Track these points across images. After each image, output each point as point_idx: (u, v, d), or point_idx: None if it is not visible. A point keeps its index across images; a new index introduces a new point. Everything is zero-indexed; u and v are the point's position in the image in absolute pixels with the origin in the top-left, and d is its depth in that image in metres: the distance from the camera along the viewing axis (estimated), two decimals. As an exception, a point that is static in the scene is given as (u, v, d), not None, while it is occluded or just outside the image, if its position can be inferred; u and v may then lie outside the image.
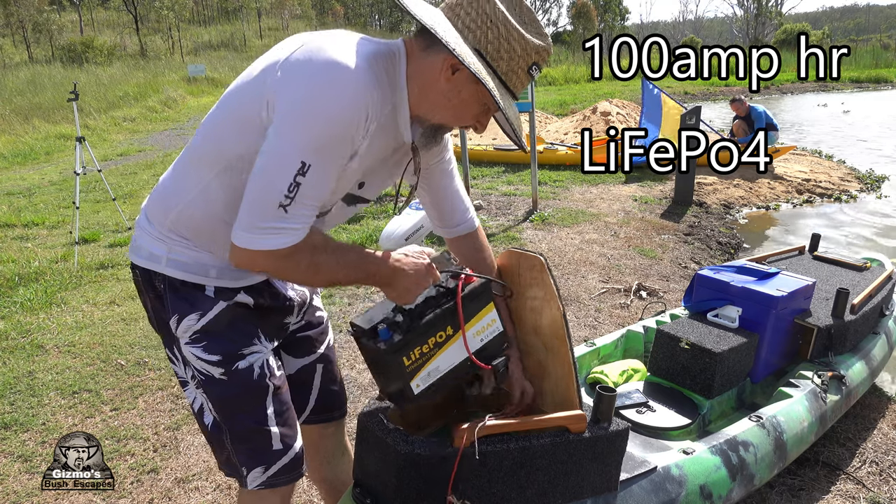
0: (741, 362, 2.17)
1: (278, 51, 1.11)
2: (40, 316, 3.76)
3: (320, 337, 1.54)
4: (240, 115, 1.09)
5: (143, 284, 1.25)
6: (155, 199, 1.24)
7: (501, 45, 1.10)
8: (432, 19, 1.09)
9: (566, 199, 6.52)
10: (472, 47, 1.10)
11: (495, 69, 1.11)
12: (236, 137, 1.10)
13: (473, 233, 1.47)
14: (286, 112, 1.01)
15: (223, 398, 1.26)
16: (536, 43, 1.12)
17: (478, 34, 1.09)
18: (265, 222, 1.03)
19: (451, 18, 1.11)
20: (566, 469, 1.37)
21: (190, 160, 1.20)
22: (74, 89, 5.02)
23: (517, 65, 1.12)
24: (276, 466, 1.31)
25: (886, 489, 2.20)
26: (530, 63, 1.13)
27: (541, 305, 1.41)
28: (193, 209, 1.18)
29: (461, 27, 1.10)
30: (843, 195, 7.01)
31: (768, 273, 2.39)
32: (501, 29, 1.09)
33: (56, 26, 30.05)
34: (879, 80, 24.47)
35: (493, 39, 1.09)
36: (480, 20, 1.09)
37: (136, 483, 2.26)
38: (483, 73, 1.07)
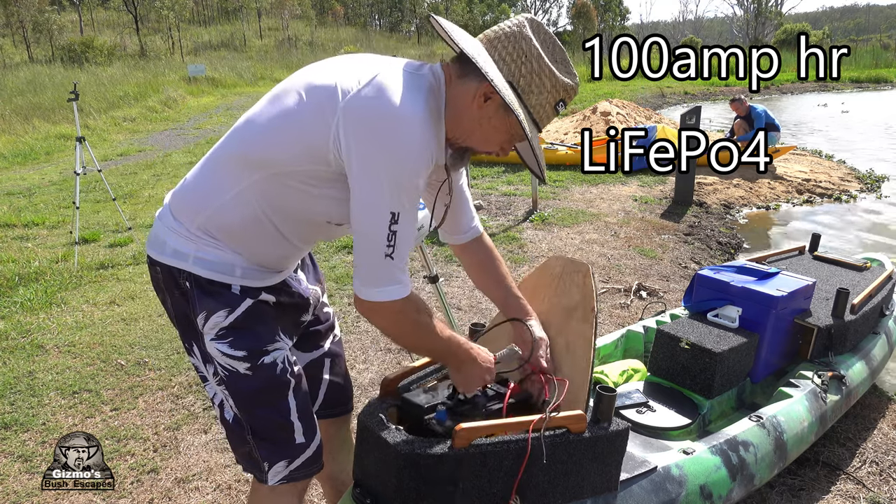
0: (741, 362, 2.17)
1: (338, 75, 1.14)
2: (40, 316, 3.76)
3: (328, 332, 1.57)
4: (303, 136, 1.13)
5: (165, 281, 1.26)
6: (183, 198, 1.25)
7: (533, 80, 1.17)
8: (474, 49, 1.16)
9: (566, 199, 6.52)
10: (505, 79, 1.17)
11: (525, 102, 1.18)
12: (296, 156, 1.14)
13: (479, 238, 1.54)
14: (366, 169, 1.09)
15: (247, 393, 1.28)
16: (566, 81, 1.19)
17: (512, 67, 1.17)
18: (378, 273, 1.15)
19: (489, 50, 1.18)
20: (566, 469, 1.37)
21: (227, 161, 1.21)
22: (74, 89, 5.01)
23: (546, 99, 1.19)
24: (299, 460, 1.34)
25: (886, 489, 2.20)
26: (558, 99, 1.21)
27: (575, 307, 1.48)
28: (228, 211, 1.20)
29: (497, 59, 1.18)
30: (843, 195, 7.01)
31: (768, 273, 2.39)
32: (535, 64, 1.16)
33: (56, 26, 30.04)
34: (879, 80, 24.48)
35: (526, 73, 1.17)
36: (517, 54, 1.17)
37: (136, 483, 2.26)
38: (515, 104, 1.14)
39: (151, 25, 37.48)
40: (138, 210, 6.38)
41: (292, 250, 1.32)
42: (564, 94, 1.21)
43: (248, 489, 2.19)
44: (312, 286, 1.48)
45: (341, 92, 1.11)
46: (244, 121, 1.22)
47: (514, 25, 1.19)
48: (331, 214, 1.23)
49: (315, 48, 35.17)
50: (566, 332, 1.48)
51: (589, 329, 1.42)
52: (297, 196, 1.19)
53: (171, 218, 1.25)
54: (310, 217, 1.25)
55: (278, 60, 28.94)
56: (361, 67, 1.16)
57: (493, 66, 1.16)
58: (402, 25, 54.84)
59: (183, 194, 1.26)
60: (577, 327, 1.45)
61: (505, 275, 1.55)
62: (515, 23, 1.20)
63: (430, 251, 4.71)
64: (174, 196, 1.28)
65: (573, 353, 1.45)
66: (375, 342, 3.31)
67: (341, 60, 1.22)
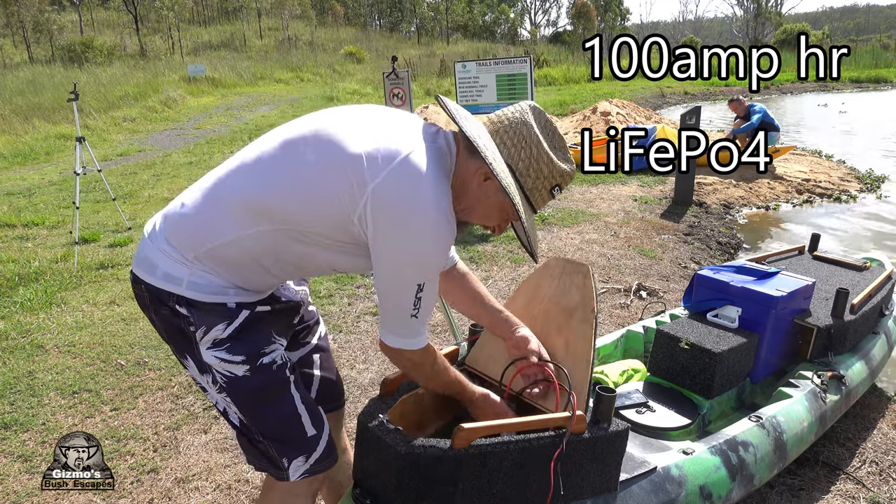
0: (741, 362, 2.17)
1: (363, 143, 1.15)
2: (40, 316, 3.76)
3: (314, 328, 1.60)
4: (326, 206, 1.15)
5: (151, 300, 1.25)
6: (182, 227, 1.23)
7: (531, 165, 1.24)
8: (476, 132, 1.22)
9: (566, 199, 6.52)
10: (505, 162, 1.23)
11: (522, 184, 1.25)
12: (315, 220, 1.17)
13: (455, 265, 1.57)
14: (395, 256, 1.15)
15: (248, 394, 1.29)
16: (562, 167, 1.26)
17: (512, 151, 1.24)
18: (403, 329, 1.23)
19: (492, 133, 1.25)
20: (566, 469, 1.37)
21: (233, 202, 1.19)
22: (74, 89, 5.01)
23: (542, 184, 1.26)
24: (317, 452, 1.36)
25: (886, 489, 2.20)
26: (554, 184, 1.27)
27: (575, 307, 1.49)
28: (228, 250, 1.21)
29: (499, 143, 1.24)
30: (843, 195, 7.01)
31: (768, 273, 2.39)
32: (534, 150, 1.23)
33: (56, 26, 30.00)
34: (879, 80, 24.46)
35: (525, 158, 1.23)
36: (517, 139, 1.24)
37: (136, 483, 2.26)
38: (512, 188, 1.19)
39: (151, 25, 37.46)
40: (138, 210, 6.38)
41: (287, 281, 1.40)
42: (560, 180, 1.27)
43: (248, 489, 2.20)
44: (299, 287, 1.50)
45: (370, 169, 1.12)
46: (254, 160, 1.21)
47: (518, 112, 1.25)
48: (339, 266, 1.28)
49: (315, 48, 35.16)
50: (566, 333, 1.48)
51: (589, 329, 1.42)
52: (304, 249, 1.22)
53: (164, 242, 1.24)
54: (314, 266, 1.29)
55: (278, 60, 28.92)
56: (385, 136, 1.18)
57: (495, 148, 1.22)
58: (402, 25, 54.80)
59: (181, 223, 1.24)
60: (577, 327, 1.46)
61: (485, 294, 1.58)
62: (519, 109, 1.26)
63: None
64: (169, 221, 1.25)
65: (573, 353, 1.45)
66: (375, 342, 3.31)
67: (361, 118, 1.23)
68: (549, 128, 1.27)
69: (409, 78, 5.76)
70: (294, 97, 19.29)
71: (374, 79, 22.62)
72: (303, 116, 1.26)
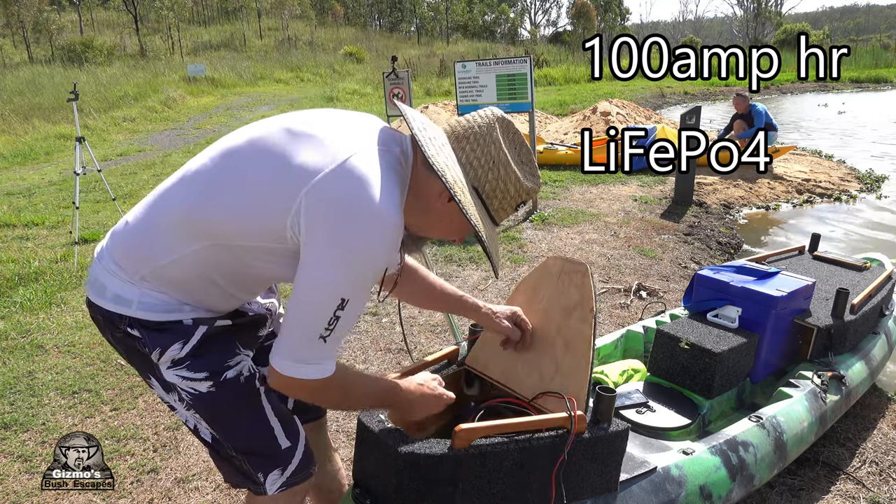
0: (741, 362, 2.17)
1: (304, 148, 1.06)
2: (40, 316, 3.76)
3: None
4: (260, 215, 1.06)
5: (105, 323, 1.20)
6: (126, 246, 1.17)
7: (499, 186, 1.16)
8: (437, 151, 1.10)
9: (566, 199, 6.52)
10: (471, 185, 1.15)
11: (487, 205, 1.17)
12: (248, 232, 1.08)
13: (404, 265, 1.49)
14: (326, 254, 1.02)
15: (216, 410, 1.24)
16: (528, 186, 1.19)
17: (479, 173, 1.15)
18: (305, 352, 1.08)
19: (457, 150, 1.16)
20: (566, 469, 1.37)
21: (171, 218, 1.13)
22: (74, 89, 5.01)
23: (508, 203, 1.19)
24: (292, 465, 1.31)
25: (886, 489, 2.20)
26: (519, 202, 1.21)
27: (573, 307, 1.48)
28: (173, 270, 1.14)
29: (464, 160, 1.15)
30: (843, 195, 7.01)
31: (768, 273, 2.39)
32: (502, 171, 1.15)
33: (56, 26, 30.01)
34: (879, 80, 24.47)
35: (492, 180, 1.15)
36: (485, 160, 1.14)
37: (136, 483, 2.26)
38: (475, 217, 1.10)
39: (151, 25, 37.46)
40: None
41: (243, 299, 1.29)
42: (527, 197, 1.21)
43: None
44: (267, 299, 1.42)
45: (307, 171, 1.03)
46: (193, 173, 1.14)
47: (484, 126, 1.15)
48: (285, 278, 1.17)
49: (315, 48, 35.16)
50: (565, 332, 1.48)
51: (588, 329, 1.42)
52: (245, 263, 1.14)
53: (111, 262, 1.18)
54: (261, 279, 1.22)
55: (278, 60, 28.93)
56: (329, 141, 1.08)
57: (456, 165, 1.13)
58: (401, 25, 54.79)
59: (126, 242, 1.18)
60: (576, 327, 1.46)
61: (439, 284, 1.54)
62: (485, 122, 1.16)
63: (429, 251, 4.71)
64: (115, 239, 1.19)
65: (573, 352, 1.45)
66: (375, 342, 3.31)
67: (306, 124, 1.12)
68: (517, 141, 1.19)
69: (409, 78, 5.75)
70: (294, 97, 19.29)
71: (374, 79, 22.62)
72: (246, 126, 1.18)
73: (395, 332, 3.42)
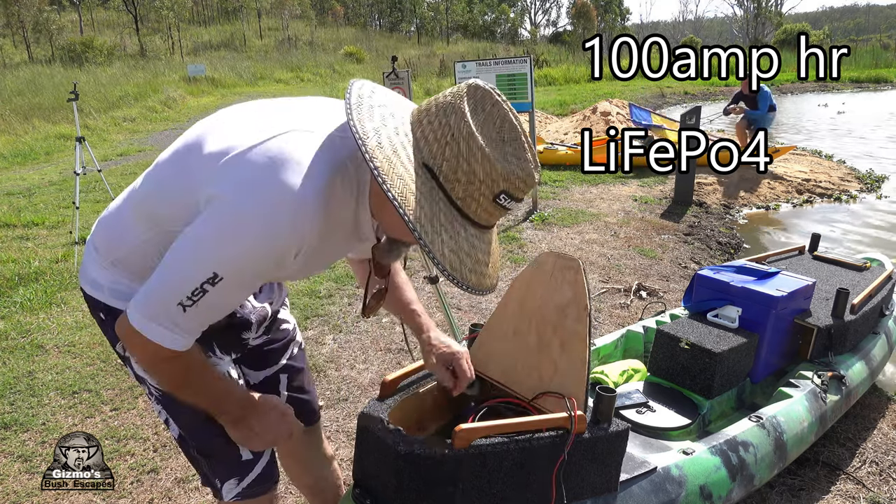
0: (741, 362, 2.17)
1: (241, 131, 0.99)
2: (40, 316, 3.76)
3: (284, 349, 1.49)
4: (183, 192, 1.00)
5: (90, 307, 1.21)
6: (102, 231, 1.17)
7: (460, 166, 0.91)
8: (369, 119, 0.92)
9: (566, 199, 6.52)
10: (422, 162, 0.93)
11: (448, 192, 0.93)
12: (179, 214, 1.00)
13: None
14: (215, 223, 0.92)
15: (180, 409, 1.22)
16: (507, 169, 0.92)
17: (434, 148, 0.92)
18: (159, 311, 0.96)
19: (415, 126, 0.96)
20: (566, 469, 1.37)
21: (134, 209, 1.11)
22: (74, 89, 5.01)
23: (478, 190, 0.92)
24: (249, 478, 1.29)
25: (886, 489, 2.20)
26: (497, 191, 0.93)
27: (567, 304, 1.46)
28: (135, 257, 1.12)
29: (419, 136, 0.94)
30: (843, 195, 7.00)
31: (768, 273, 2.39)
32: (462, 146, 0.91)
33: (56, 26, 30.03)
34: (879, 80, 24.46)
35: (450, 157, 0.91)
36: (441, 132, 0.92)
37: (136, 483, 2.26)
38: (399, 194, 0.88)
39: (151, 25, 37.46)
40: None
41: None
42: (506, 185, 0.92)
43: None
44: (259, 304, 1.34)
45: (230, 148, 0.96)
46: (155, 162, 1.11)
47: (450, 95, 0.95)
48: None
49: (315, 48, 35.17)
50: (561, 332, 1.47)
51: (583, 328, 1.40)
52: None
53: (93, 247, 1.17)
54: None
55: (278, 60, 28.94)
56: (273, 120, 1.00)
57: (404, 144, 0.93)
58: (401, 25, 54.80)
59: (103, 225, 1.16)
60: (571, 327, 1.44)
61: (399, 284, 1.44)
62: (454, 92, 0.95)
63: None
64: (97, 225, 1.18)
65: (569, 352, 1.44)
66: (375, 342, 3.31)
67: (267, 106, 1.07)
68: (495, 114, 0.94)
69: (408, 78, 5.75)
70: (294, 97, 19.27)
71: (374, 79, 22.52)
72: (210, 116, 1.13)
73: (395, 332, 3.42)
